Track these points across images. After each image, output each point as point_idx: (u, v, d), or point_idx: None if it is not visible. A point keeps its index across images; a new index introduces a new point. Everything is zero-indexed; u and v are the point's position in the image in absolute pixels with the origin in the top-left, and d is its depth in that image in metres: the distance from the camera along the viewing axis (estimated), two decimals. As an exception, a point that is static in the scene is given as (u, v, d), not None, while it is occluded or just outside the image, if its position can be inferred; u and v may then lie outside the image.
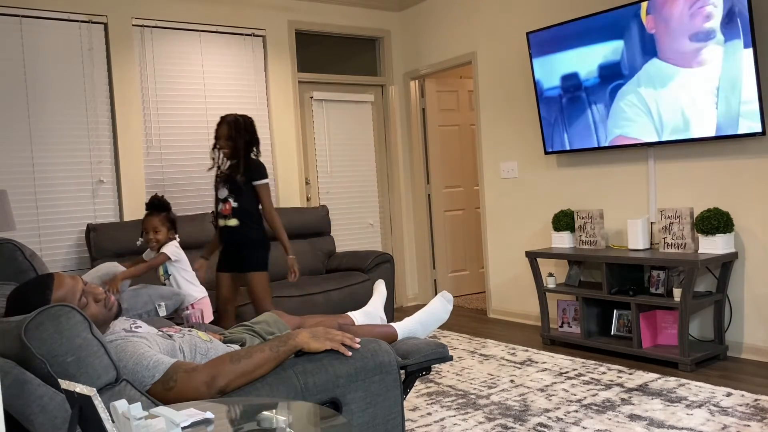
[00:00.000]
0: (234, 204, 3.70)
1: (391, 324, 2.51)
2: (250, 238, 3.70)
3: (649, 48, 3.92)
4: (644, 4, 3.90)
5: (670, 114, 3.90)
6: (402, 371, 2.30)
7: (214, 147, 3.79)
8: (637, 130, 4.09)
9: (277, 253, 4.95)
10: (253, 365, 1.78)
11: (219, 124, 3.74)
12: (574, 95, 4.41)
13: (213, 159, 3.83)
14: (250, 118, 3.78)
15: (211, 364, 1.77)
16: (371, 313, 2.64)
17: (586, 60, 4.29)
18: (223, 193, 3.73)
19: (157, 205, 3.44)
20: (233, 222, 3.70)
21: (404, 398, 2.26)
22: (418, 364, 2.27)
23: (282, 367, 1.86)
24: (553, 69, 4.51)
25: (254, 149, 3.77)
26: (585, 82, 4.32)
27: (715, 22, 3.61)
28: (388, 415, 1.99)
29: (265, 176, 3.74)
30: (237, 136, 3.69)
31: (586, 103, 4.35)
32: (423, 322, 2.53)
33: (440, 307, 2.56)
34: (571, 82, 4.41)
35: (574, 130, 4.46)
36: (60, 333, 1.59)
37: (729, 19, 3.55)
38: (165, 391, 1.74)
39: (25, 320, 1.59)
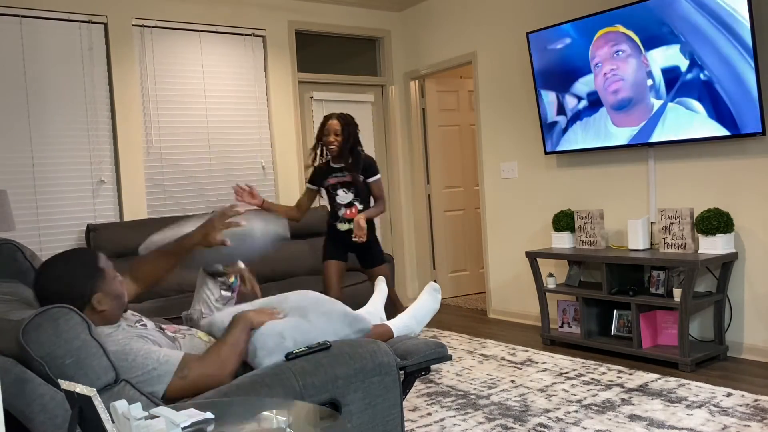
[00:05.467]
0: (360, 207, 3.77)
1: (386, 322, 2.52)
2: (374, 236, 3.88)
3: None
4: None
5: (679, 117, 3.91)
6: (401, 372, 2.30)
7: (321, 145, 3.78)
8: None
9: (273, 253, 4.95)
10: (220, 363, 1.89)
11: (328, 119, 3.71)
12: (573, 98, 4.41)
13: (315, 156, 3.82)
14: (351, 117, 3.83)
15: (186, 368, 1.85)
16: (372, 313, 2.65)
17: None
18: (348, 197, 3.76)
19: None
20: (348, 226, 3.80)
21: (404, 399, 2.26)
22: (417, 364, 2.27)
23: (280, 368, 1.86)
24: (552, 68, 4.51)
25: (360, 145, 3.80)
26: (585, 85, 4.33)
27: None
28: (387, 416, 1.99)
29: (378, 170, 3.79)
30: (349, 132, 3.69)
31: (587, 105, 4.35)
32: (416, 315, 2.58)
33: (429, 298, 2.62)
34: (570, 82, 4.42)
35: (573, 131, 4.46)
36: (58, 335, 1.58)
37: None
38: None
39: (23, 322, 1.58)
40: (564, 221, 4.51)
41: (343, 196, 3.77)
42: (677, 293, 3.69)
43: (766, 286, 3.70)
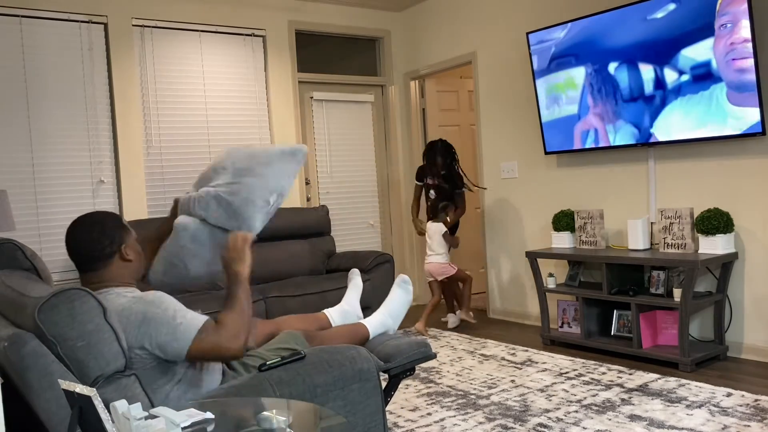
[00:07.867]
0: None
1: (361, 322, 2.48)
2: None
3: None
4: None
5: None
6: (386, 374, 2.28)
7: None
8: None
9: (273, 253, 4.94)
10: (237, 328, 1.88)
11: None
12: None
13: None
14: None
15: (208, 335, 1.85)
16: (347, 311, 2.59)
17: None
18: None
19: None
20: None
21: (387, 402, 2.23)
22: (401, 366, 2.24)
23: (257, 379, 1.85)
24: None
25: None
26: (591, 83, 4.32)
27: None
28: (369, 423, 1.97)
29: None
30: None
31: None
32: (391, 313, 2.54)
33: (401, 292, 2.58)
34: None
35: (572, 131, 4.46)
36: (73, 317, 1.60)
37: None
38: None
39: (40, 301, 1.60)
40: (564, 221, 4.51)
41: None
42: (677, 293, 3.69)
43: (766, 286, 3.70)
